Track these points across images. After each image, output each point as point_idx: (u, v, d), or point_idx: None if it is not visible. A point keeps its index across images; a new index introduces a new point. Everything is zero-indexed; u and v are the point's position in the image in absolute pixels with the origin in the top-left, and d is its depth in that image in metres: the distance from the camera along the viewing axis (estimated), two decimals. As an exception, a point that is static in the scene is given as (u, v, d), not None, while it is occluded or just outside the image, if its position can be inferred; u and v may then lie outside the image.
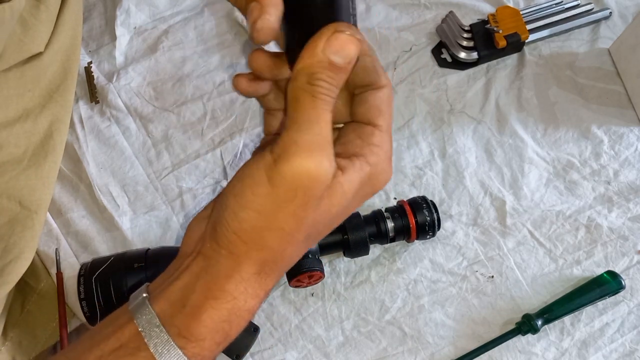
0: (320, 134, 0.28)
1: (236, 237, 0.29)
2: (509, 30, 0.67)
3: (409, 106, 0.67)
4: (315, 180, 0.28)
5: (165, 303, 0.31)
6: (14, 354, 0.53)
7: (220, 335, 0.31)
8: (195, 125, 0.67)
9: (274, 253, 0.30)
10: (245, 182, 0.29)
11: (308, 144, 0.28)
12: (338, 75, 0.28)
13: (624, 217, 0.60)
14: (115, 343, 0.31)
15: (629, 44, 0.65)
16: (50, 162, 0.58)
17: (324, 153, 0.28)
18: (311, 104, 0.28)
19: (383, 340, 0.56)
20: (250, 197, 0.29)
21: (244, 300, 0.31)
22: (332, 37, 0.27)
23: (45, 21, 0.57)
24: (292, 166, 0.28)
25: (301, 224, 0.30)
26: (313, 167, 0.28)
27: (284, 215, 0.29)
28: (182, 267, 0.32)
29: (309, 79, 0.27)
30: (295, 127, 0.28)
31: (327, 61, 0.27)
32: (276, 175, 0.28)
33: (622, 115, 0.65)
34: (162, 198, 0.63)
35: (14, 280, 0.52)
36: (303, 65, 0.27)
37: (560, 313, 0.55)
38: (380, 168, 0.32)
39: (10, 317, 0.54)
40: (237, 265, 0.30)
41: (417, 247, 0.60)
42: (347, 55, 0.27)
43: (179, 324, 0.30)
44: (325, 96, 0.28)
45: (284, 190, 0.28)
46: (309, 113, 0.28)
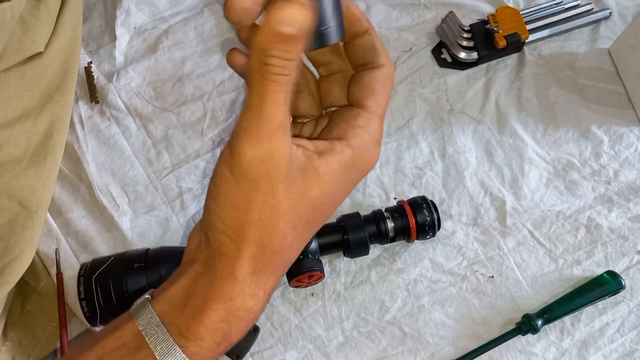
0: (270, 118, 0.27)
1: (225, 236, 0.30)
2: (509, 30, 0.67)
3: (409, 106, 0.67)
4: (272, 165, 0.28)
5: (165, 304, 0.31)
6: (14, 354, 0.53)
7: (220, 335, 0.31)
8: (195, 125, 0.67)
9: (262, 247, 0.30)
10: (216, 181, 0.29)
11: (257, 129, 0.27)
12: (292, 47, 0.26)
13: (624, 217, 0.60)
14: (116, 342, 0.31)
15: (629, 44, 0.65)
16: (50, 162, 0.58)
17: (274, 137, 0.27)
18: (261, 86, 0.27)
19: (383, 340, 0.56)
20: (222, 195, 0.29)
21: (241, 300, 0.31)
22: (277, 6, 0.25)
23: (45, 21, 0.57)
24: (244, 156, 0.27)
25: (277, 210, 0.29)
26: (264, 152, 0.27)
27: (256, 205, 0.29)
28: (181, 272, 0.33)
29: (261, 57, 0.26)
30: (246, 114, 0.27)
31: (276, 33, 0.25)
32: (235, 168, 0.28)
33: (622, 115, 0.65)
34: (162, 198, 0.63)
35: (14, 280, 0.52)
36: (254, 42, 0.26)
37: (560, 313, 0.55)
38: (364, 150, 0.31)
39: (10, 317, 0.54)
40: (231, 267, 0.30)
41: (417, 247, 0.60)
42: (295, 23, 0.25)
43: (179, 324, 0.30)
44: (277, 75, 0.26)
45: (246, 180, 0.28)
46: (259, 96, 0.27)
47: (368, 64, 0.32)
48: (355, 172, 0.31)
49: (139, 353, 0.30)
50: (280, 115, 0.27)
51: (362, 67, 0.32)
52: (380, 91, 0.32)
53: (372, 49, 0.31)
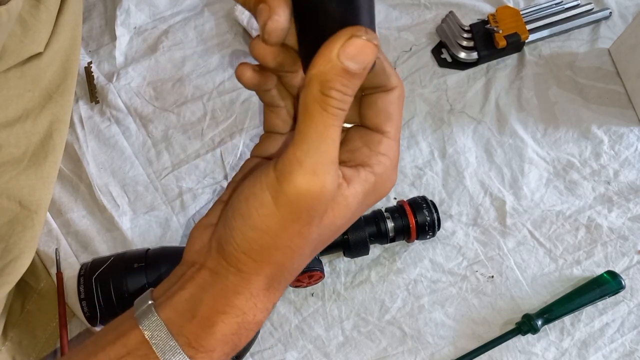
0: (326, 153, 0.27)
1: (245, 256, 0.30)
2: (509, 30, 0.67)
3: (409, 106, 0.67)
4: (319, 201, 0.28)
5: (171, 312, 0.31)
6: (14, 354, 0.53)
7: (229, 346, 0.31)
8: (195, 125, 0.67)
9: (281, 268, 0.31)
10: (250, 203, 0.29)
11: (313, 165, 0.27)
12: (352, 82, 0.26)
13: (624, 217, 0.60)
14: (121, 349, 0.30)
15: (629, 44, 0.65)
16: (50, 162, 0.58)
17: (328, 173, 0.27)
18: (321, 118, 0.26)
19: (383, 340, 0.56)
20: (256, 218, 0.29)
21: (253, 314, 0.31)
22: (347, 42, 0.25)
23: (45, 21, 0.57)
24: (296, 188, 0.27)
25: (307, 240, 0.30)
26: (317, 188, 0.27)
27: (289, 234, 0.29)
28: (186, 276, 0.32)
29: (322, 88, 0.26)
30: (302, 145, 0.27)
31: (341, 67, 0.25)
32: (280, 196, 0.28)
33: (622, 115, 0.65)
34: (162, 198, 0.63)
35: (14, 280, 0.52)
36: (316, 72, 0.26)
37: (560, 313, 0.55)
38: (386, 177, 0.31)
39: (10, 317, 0.54)
40: (246, 282, 0.30)
41: (417, 247, 0.60)
42: (362, 62, 0.26)
43: (189, 335, 0.30)
44: (337, 110, 0.27)
45: (289, 211, 0.28)
46: (318, 130, 0.27)
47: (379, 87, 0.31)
48: (374, 197, 0.32)
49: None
50: (336, 151, 0.28)
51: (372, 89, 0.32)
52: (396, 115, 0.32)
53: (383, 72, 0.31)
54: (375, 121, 0.31)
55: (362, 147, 0.31)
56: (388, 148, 0.31)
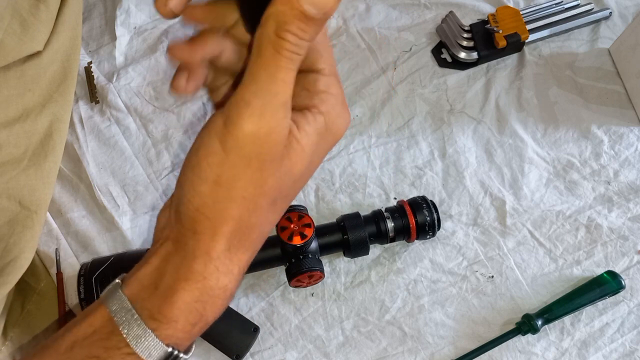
0: (276, 95, 0.26)
1: (198, 213, 0.28)
2: (509, 30, 0.67)
3: (409, 106, 0.67)
4: (268, 144, 0.27)
5: (136, 287, 0.30)
6: (14, 354, 0.53)
7: (194, 315, 0.30)
8: (195, 125, 0.67)
9: (239, 224, 0.29)
10: (200, 153, 0.28)
11: (261, 105, 0.26)
12: (310, 27, 0.25)
13: (624, 217, 0.60)
14: (87, 328, 0.30)
15: (629, 44, 0.65)
16: (50, 162, 0.58)
17: (278, 116, 0.26)
18: (273, 59, 0.25)
19: (383, 340, 0.56)
20: (206, 168, 0.27)
21: (215, 279, 0.30)
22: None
23: (45, 21, 0.57)
24: (243, 130, 0.26)
25: (262, 189, 0.28)
26: (265, 130, 0.26)
27: (242, 182, 0.28)
28: (150, 251, 0.31)
29: (277, 29, 0.25)
30: (251, 86, 0.26)
31: (299, 10, 0.24)
32: (228, 140, 0.26)
33: (622, 115, 0.65)
34: (162, 198, 0.63)
35: (14, 280, 0.52)
36: (273, 10, 0.25)
37: (560, 313, 0.55)
38: (335, 113, 0.30)
39: (10, 317, 0.54)
40: (203, 245, 0.29)
41: (417, 247, 0.60)
42: (323, 7, 0.25)
43: (150, 307, 0.29)
44: (291, 53, 0.25)
45: (238, 156, 0.27)
46: (269, 70, 0.25)
47: None
48: (330, 137, 0.30)
49: (111, 339, 0.29)
50: (287, 94, 0.26)
51: None
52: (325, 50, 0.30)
53: None
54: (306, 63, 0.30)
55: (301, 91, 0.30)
56: (327, 84, 0.30)
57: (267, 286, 0.58)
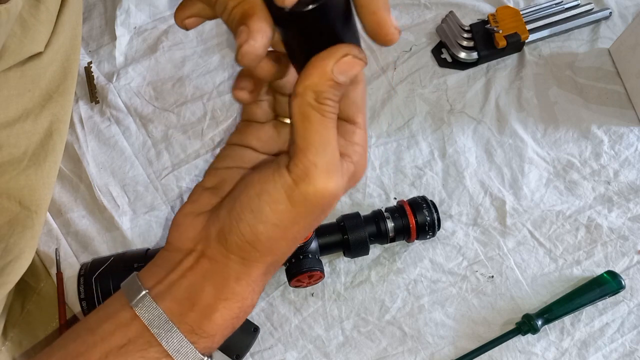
0: (333, 153, 0.30)
1: (250, 247, 0.31)
2: (509, 30, 0.67)
3: (409, 106, 0.67)
4: (334, 198, 0.31)
5: (170, 301, 0.32)
6: (14, 354, 0.53)
7: (229, 329, 0.33)
8: (195, 125, 0.67)
9: (281, 256, 0.33)
10: (263, 199, 0.30)
11: (326, 165, 0.29)
12: (340, 91, 0.29)
13: (624, 217, 0.60)
14: (121, 339, 0.31)
15: (629, 44, 0.65)
16: (50, 162, 0.58)
17: (339, 172, 0.30)
18: (322, 124, 0.29)
19: (383, 340, 0.56)
20: (269, 214, 0.30)
21: (251, 298, 0.33)
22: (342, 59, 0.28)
23: (45, 21, 0.57)
24: (315, 188, 0.30)
25: (310, 229, 0.33)
26: (333, 186, 0.30)
27: (299, 227, 0.31)
28: (184, 265, 0.33)
29: (317, 97, 0.29)
30: (312, 150, 0.29)
31: (334, 81, 0.29)
32: (298, 196, 0.30)
33: (622, 115, 0.65)
34: (162, 198, 0.63)
35: (14, 280, 0.52)
36: (311, 83, 0.29)
37: (560, 313, 0.55)
38: (361, 165, 0.34)
39: (10, 317, 0.54)
40: (248, 269, 0.32)
41: (417, 247, 0.60)
42: (351, 75, 0.29)
43: (191, 322, 0.31)
44: (332, 114, 0.29)
45: (304, 208, 0.30)
46: (322, 134, 0.29)
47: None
48: (352, 182, 0.34)
49: (149, 350, 0.30)
50: (337, 151, 0.31)
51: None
52: (363, 106, 0.34)
53: None
54: (348, 112, 0.33)
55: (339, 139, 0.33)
56: (361, 137, 0.34)
57: (267, 286, 0.58)
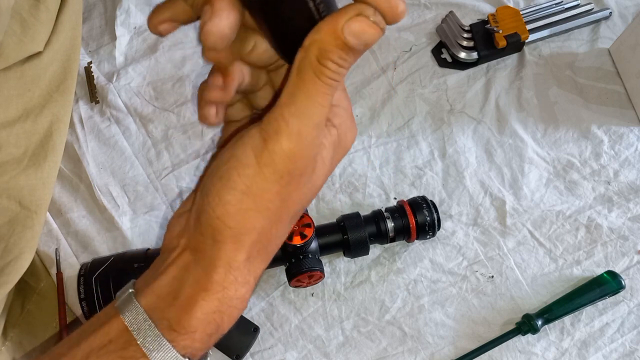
0: (313, 116, 0.27)
1: (220, 221, 0.29)
2: (509, 30, 0.67)
3: (409, 106, 0.67)
4: (302, 162, 0.28)
5: (152, 297, 0.30)
6: (14, 354, 0.53)
7: (212, 326, 0.30)
8: (195, 125, 0.67)
9: (260, 235, 0.30)
10: (231, 164, 0.28)
11: (299, 125, 0.27)
12: (350, 57, 0.26)
13: (624, 217, 0.60)
14: (103, 338, 0.30)
15: (629, 44, 0.65)
16: (50, 162, 0.58)
17: (313, 136, 0.28)
18: (313, 84, 0.26)
19: (383, 340, 0.56)
20: (235, 179, 0.28)
21: (234, 289, 0.30)
22: (355, 18, 0.25)
23: (44, 21, 0.57)
24: (281, 147, 0.27)
25: (287, 202, 0.29)
26: (301, 149, 0.27)
27: (270, 195, 0.28)
28: (168, 261, 0.31)
29: (319, 56, 0.26)
30: (290, 106, 0.27)
31: (343, 41, 0.25)
32: (264, 155, 0.27)
33: (622, 115, 0.65)
34: (162, 198, 0.63)
35: (14, 280, 0.52)
36: (317, 38, 0.26)
37: (560, 313, 0.55)
38: (346, 127, 0.31)
39: (10, 317, 0.54)
40: (224, 254, 0.29)
41: (417, 247, 0.60)
42: (365, 41, 0.26)
43: (170, 318, 0.29)
44: (331, 80, 0.27)
45: (272, 170, 0.28)
46: (309, 93, 0.27)
47: None
48: (341, 150, 0.31)
49: (127, 349, 0.29)
50: (323, 116, 0.28)
51: None
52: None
53: None
54: None
55: None
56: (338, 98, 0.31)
57: (267, 286, 0.58)
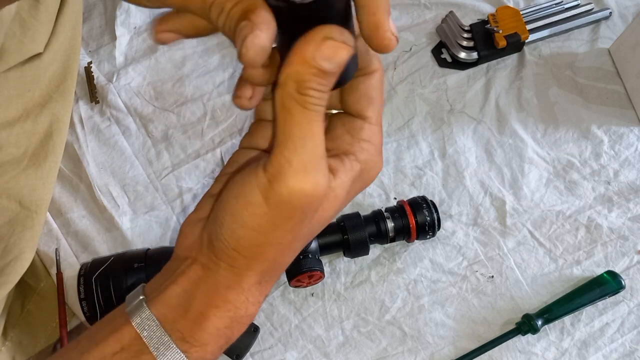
0: (313, 149, 0.27)
1: (236, 253, 0.29)
2: (509, 30, 0.67)
3: (409, 106, 0.67)
4: (312, 199, 0.28)
5: (164, 307, 0.31)
6: (14, 354, 0.53)
7: (223, 339, 0.31)
8: (195, 125, 0.67)
9: (273, 264, 0.31)
10: (240, 202, 0.28)
11: (303, 163, 0.26)
12: (328, 80, 0.26)
13: (624, 217, 0.60)
14: (114, 345, 0.30)
15: (629, 44, 0.65)
16: (50, 162, 0.58)
17: (319, 170, 0.27)
18: (303, 116, 0.26)
19: (383, 340, 0.56)
20: (246, 217, 0.28)
21: (245, 308, 0.31)
22: (322, 43, 0.25)
23: (44, 21, 0.57)
24: (288, 188, 0.27)
25: (298, 235, 0.30)
26: (309, 187, 0.27)
27: (281, 232, 0.29)
28: (178, 271, 0.32)
29: (299, 88, 0.26)
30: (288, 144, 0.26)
31: (317, 68, 0.25)
32: (272, 196, 0.27)
33: (622, 115, 0.65)
34: (162, 198, 0.63)
35: (14, 280, 0.52)
36: (291, 71, 0.26)
37: (560, 313, 0.55)
38: (372, 163, 0.31)
39: (10, 317, 0.54)
40: (238, 278, 0.30)
41: (417, 247, 0.60)
42: (338, 62, 0.26)
43: (182, 329, 0.30)
44: (316, 106, 0.26)
45: (281, 211, 0.28)
46: (302, 127, 0.26)
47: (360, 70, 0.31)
48: (360, 184, 0.31)
49: (140, 358, 0.30)
50: (322, 146, 0.27)
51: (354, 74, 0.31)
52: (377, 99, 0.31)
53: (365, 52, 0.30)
54: (357, 107, 0.31)
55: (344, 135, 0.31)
56: (371, 134, 0.31)
57: (267, 286, 0.58)
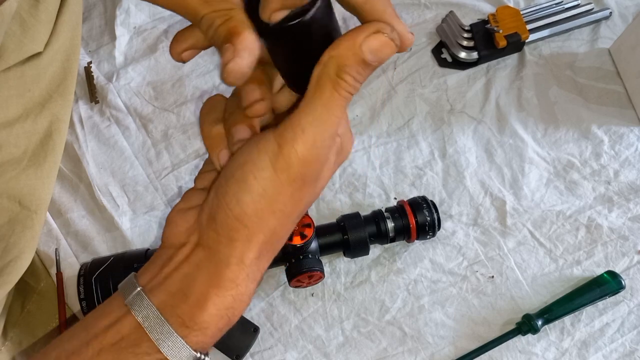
0: (329, 127, 0.29)
1: (238, 222, 0.30)
2: (509, 30, 0.67)
3: (409, 106, 0.67)
4: (315, 169, 0.30)
5: (164, 294, 0.31)
6: (14, 354, 0.53)
7: (224, 321, 0.31)
8: (195, 125, 0.67)
9: (272, 234, 0.31)
10: (247, 167, 0.30)
11: (314, 134, 0.28)
12: (366, 71, 0.28)
13: (624, 217, 0.60)
14: (115, 336, 0.30)
15: (629, 44, 0.65)
16: (50, 162, 0.58)
17: (327, 147, 0.29)
18: (331, 96, 0.28)
19: (383, 340, 0.56)
20: (252, 181, 0.29)
21: (245, 285, 0.31)
22: (373, 35, 0.27)
23: (44, 21, 0.57)
24: (297, 153, 0.28)
25: (297, 205, 0.31)
26: (314, 157, 0.29)
27: (283, 197, 0.30)
28: (178, 258, 0.32)
29: (338, 70, 0.28)
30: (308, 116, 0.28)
31: (361, 57, 0.27)
32: (280, 159, 0.29)
33: (622, 115, 0.65)
34: (162, 198, 0.63)
35: (14, 280, 0.52)
36: (337, 53, 0.28)
37: (561, 313, 0.55)
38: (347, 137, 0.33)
39: (10, 317, 0.54)
40: (238, 253, 0.31)
41: (417, 247, 0.60)
42: (381, 57, 0.28)
43: (182, 314, 0.30)
44: (347, 93, 0.28)
45: (286, 175, 0.29)
46: (327, 109, 0.28)
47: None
48: (341, 157, 0.33)
49: (140, 346, 0.30)
50: (337, 127, 0.29)
51: None
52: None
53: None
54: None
55: None
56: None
57: (267, 286, 0.58)
